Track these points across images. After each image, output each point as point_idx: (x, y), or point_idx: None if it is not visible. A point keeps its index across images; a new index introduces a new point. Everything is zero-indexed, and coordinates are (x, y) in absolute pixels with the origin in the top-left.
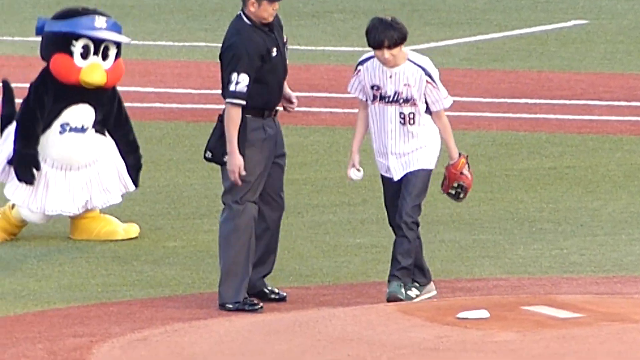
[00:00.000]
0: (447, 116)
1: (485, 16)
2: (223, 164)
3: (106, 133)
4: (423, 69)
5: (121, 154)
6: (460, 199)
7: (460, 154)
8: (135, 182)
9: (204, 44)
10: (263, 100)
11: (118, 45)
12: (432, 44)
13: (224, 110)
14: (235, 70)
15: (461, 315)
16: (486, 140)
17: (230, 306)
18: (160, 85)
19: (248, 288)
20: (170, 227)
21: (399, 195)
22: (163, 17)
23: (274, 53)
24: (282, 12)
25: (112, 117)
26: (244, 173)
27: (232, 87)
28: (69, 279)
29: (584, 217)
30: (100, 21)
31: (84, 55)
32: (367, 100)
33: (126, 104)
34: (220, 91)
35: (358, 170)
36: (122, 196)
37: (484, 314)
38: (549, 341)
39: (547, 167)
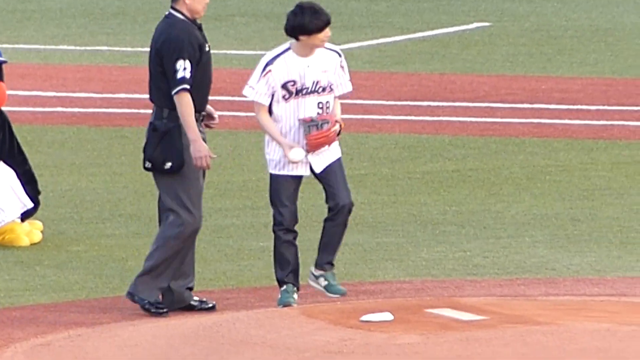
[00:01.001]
0: (350, 119)
1: (387, 19)
2: (164, 172)
3: (0, 163)
4: (337, 52)
5: (20, 182)
6: (309, 131)
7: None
8: (34, 202)
9: (105, 47)
10: (195, 103)
11: None
12: None
13: (155, 117)
14: (180, 57)
15: (365, 318)
16: (389, 143)
17: (137, 300)
18: (62, 89)
19: (176, 302)
20: (73, 232)
21: (295, 193)
22: (64, 21)
23: (207, 48)
24: None
25: (5, 146)
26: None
27: (179, 75)
28: None
29: (487, 219)
30: None
31: None
32: (271, 102)
33: (28, 108)
34: (148, 96)
35: (303, 149)
36: (22, 215)
37: (387, 316)
38: (453, 344)
39: (450, 170)
